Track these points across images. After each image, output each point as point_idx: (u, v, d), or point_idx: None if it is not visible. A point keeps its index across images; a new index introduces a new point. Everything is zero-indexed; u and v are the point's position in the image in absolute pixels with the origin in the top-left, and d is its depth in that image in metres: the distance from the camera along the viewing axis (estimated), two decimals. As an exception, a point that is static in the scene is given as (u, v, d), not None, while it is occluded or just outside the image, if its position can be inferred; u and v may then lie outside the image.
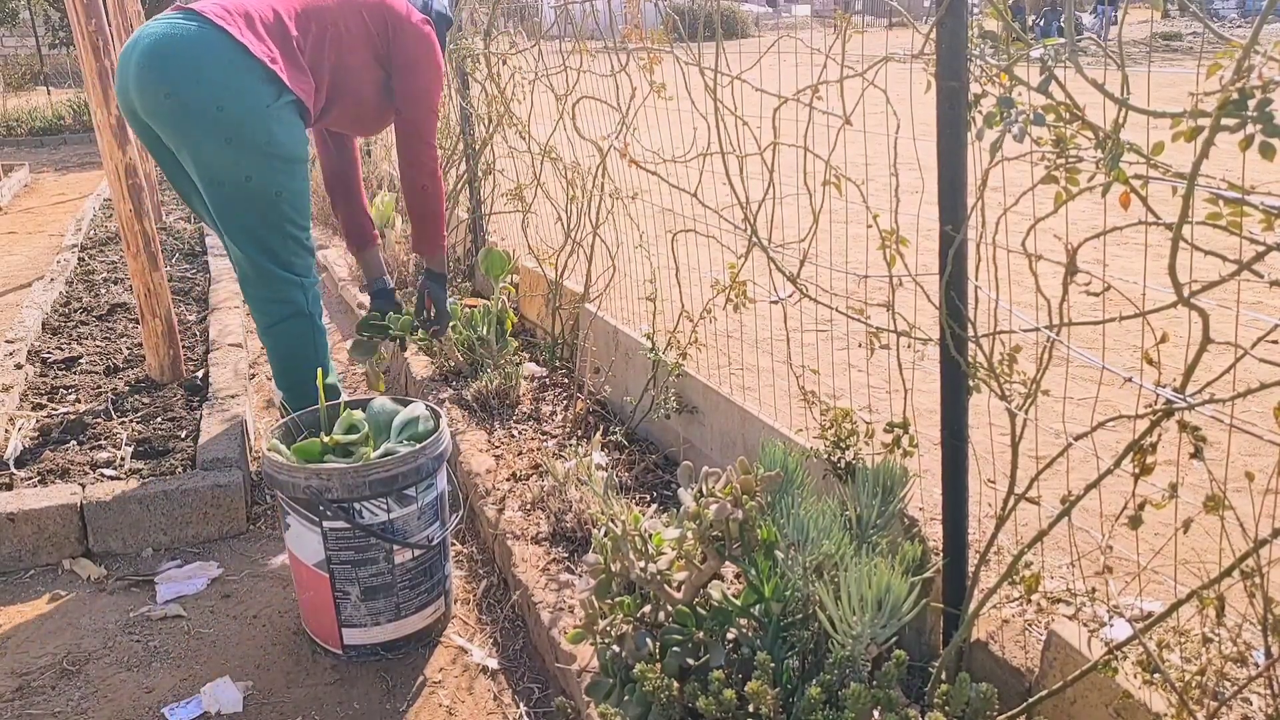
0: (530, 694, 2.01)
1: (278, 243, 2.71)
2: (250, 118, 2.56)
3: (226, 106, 2.54)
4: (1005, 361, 1.51)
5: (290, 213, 2.71)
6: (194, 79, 2.53)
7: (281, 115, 2.62)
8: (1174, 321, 1.21)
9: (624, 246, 2.99)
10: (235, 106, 2.55)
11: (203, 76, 2.53)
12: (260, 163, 2.61)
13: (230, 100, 2.54)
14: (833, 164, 1.86)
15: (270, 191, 2.64)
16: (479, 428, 2.93)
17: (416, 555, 2.10)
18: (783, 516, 1.58)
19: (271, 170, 2.62)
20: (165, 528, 2.62)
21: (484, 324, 3.34)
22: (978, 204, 1.49)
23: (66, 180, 9.36)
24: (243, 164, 2.60)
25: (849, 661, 1.44)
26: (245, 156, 2.59)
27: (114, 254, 5.53)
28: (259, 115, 2.57)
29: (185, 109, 2.54)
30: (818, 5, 9.25)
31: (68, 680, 2.09)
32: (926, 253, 1.65)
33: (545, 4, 3.50)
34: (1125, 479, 1.32)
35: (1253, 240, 1.09)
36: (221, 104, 2.54)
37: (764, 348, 2.89)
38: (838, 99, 1.79)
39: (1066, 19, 1.28)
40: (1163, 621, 1.39)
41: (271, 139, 2.60)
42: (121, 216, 3.35)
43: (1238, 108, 1.03)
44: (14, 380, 3.36)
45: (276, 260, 2.72)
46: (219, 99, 2.54)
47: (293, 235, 2.74)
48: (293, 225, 2.73)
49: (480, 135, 3.93)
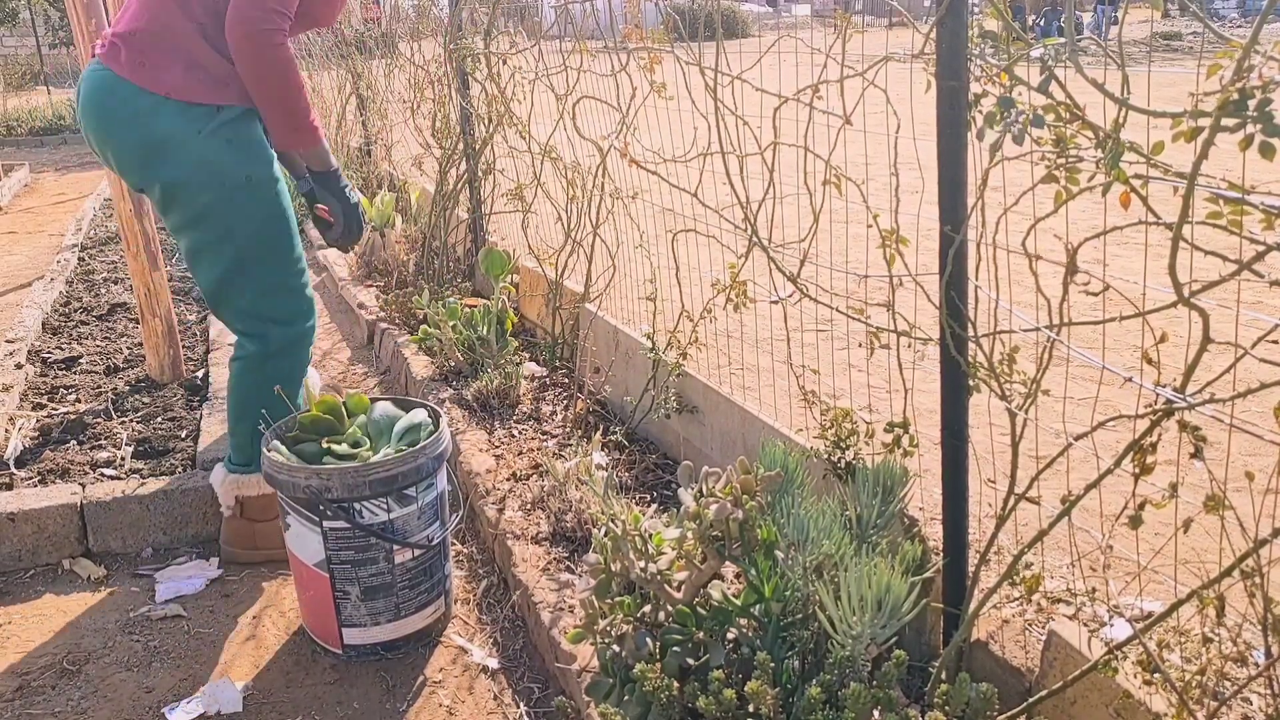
0: (530, 694, 2.01)
1: (266, 304, 2.35)
2: (184, 174, 2.20)
3: (152, 180, 2.23)
4: (1005, 361, 1.51)
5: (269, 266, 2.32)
6: (116, 158, 2.27)
7: (220, 140, 2.21)
8: (1174, 321, 1.21)
9: (624, 246, 2.98)
10: (161, 172, 2.20)
11: (120, 153, 2.25)
12: (214, 222, 2.25)
13: (151, 169, 2.21)
14: (833, 164, 1.86)
15: (241, 251, 2.28)
16: (479, 427, 2.93)
17: (416, 555, 2.10)
18: (783, 516, 1.58)
19: (234, 213, 2.25)
20: (165, 528, 2.62)
21: (484, 324, 3.34)
22: (978, 204, 1.49)
23: (67, 180, 9.36)
24: (199, 242, 2.28)
25: (849, 661, 1.44)
26: (199, 232, 2.27)
27: (114, 254, 5.54)
28: (191, 159, 2.19)
29: (153, 194, 2.28)
30: (818, 5, 9.25)
31: (68, 680, 2.09)
32: (926, 253, 1.65)
33: (545, 4, 3.50)
34: (1125, 479, 1.32)
35: (1253, 240, 1.09)
36: (146, 180, 2.25)
37: (764, 348, 2.89)
38: (838, 99, 1.79)
39: (1066, 19, 1.28)
40: (1163, 621, 1.39)
41: (225, 176, 2.22)
42: (121, 216, 3.35)
43: (1238, 108, 1.03)
44: (14, 380, 3.36)
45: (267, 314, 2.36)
46: (142, 178, 2.26)
47: (285, 284, 2.37)
48: (273, 278, 2.34)
49: (480, 135, 3.93)
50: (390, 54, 5.63)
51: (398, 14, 5.75)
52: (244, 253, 2.29)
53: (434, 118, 4.31)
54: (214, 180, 2.22)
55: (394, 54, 5.50)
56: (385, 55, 5.81)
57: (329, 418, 2.16)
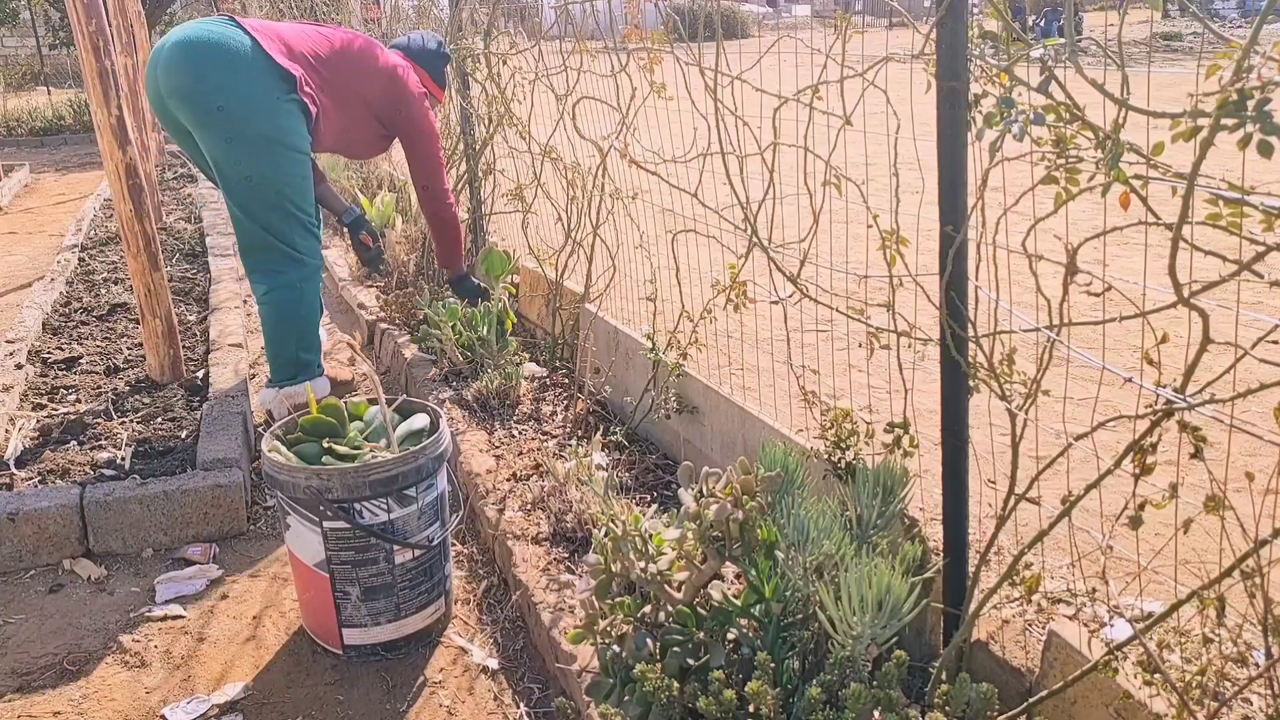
0: (530, 694, 2.01)
1: (279, 220, 2.94)
2: (254, 116, 2.81)
3: (227, 108, 2.79)
4: (1005, 361, 1.51)
5: (293, 196, 2.93)
6: (201, 77, 2.79)
7: (290, 109, 2.86)
8: (1174, 321, 1.21)
9: (624, 246, 2.99)
10: (238, 108, 2.80)
11: (210, 76, 2.79)
12: (261, 157, 2.84)
13: (234, 102, 2.79)
14: (833, 164, 1.86)
15: (271, 183, 2.88)
16: (479, 428, 2.93)
17: (417, 555, 2.10)
18: (783, 517, 1.58)
19: (274, 159, 2.85)
20: (165, 528, 2.62)
21: (484, 324, 3.35)
22: (978, 204, 1.49)
23: (67, 180, 9.36)
24: (242, 164, 2.85)
25: (849, 662, 1.44)
26: (244, 155, 2.84)
27: (114, 254, 5.54)
28: (265, 108, 2.81)
29: (191, 104, 2.81)
30: (818, 5, 9.24)
31: (68, 680, 2.09)
32: (927, 253, 1.65)
33: (545, 4, 3.50)
34: (1125, 479, 1.32)
35: (1253, 240, 1.09)
36: (223, 105, 2.79)
37: (764, 348, 2.89)
38: (838, 99, 1.79)
39: (1066, 19, 1.28)
40: (1163, 622, 1.39)
41: (276, 127, 2.83)
42: (122, 216, 3.35)
43: (1237, 108, 1.03)
44: (14, 380, 3.36)
45: (278, 235, 2.95)
46: (220, 100, 2.79)
47: (295, 216, 2.96)
48: (295, 208, 2.96)
49: (480, 135, 3.93)
50: (390, 54, 5.62)
51: (398, 14, 5.76)
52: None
53: (434, 118, 4.31)
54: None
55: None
56: (385, 55, 5.80)
57: (330, 419, 2.16)
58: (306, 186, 2.99)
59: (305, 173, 2.97)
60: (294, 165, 2.92)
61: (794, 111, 1.91)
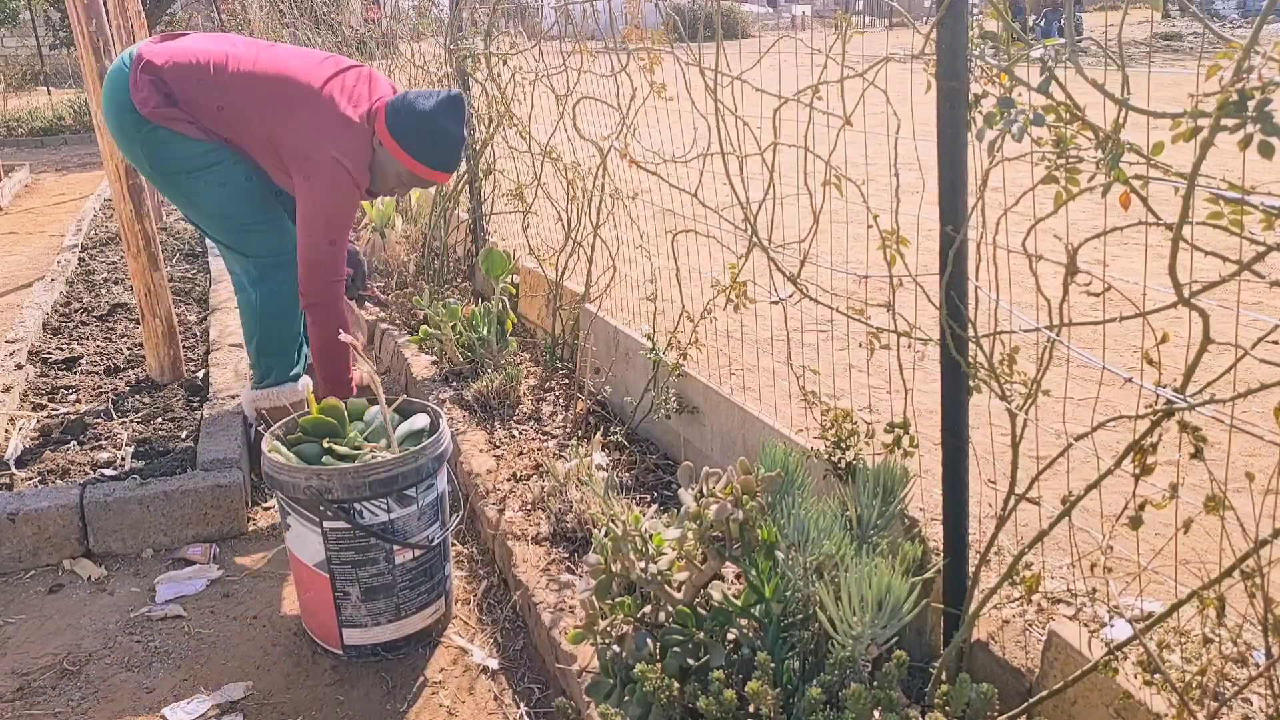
0: (531, 694, 2.01)
1: (218, 234, 2.94)
2: (134, 158, 2.85)
3: (122, 148, 2.87)
4: (1005, 362, 1.51)
5: (215, 212, 2.84)
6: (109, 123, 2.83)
7: (158, 137, 2.70)
8: (1174, 322, 1.21)
9: (624, 247, 2.98)
10: (126, 154, 2.91)
11: (108, 127, 2.86)
12: (168, 189, 2.88)
13: (122, 149, 2.88)
14: (833, 164, 1.86)
15: (192, 209, 2.91)
16: (479, 428, 2.93)
17: (417, 555, 2.10)
18: (783, 517, 1.58)
19: (174, 189, 2.83)
20: (165, 528, 2.62)
21: (484, 324, 3.34)
22: (978, 204, 1.49)
23: (67, 180, 9.36)
24: (169, 197, 2.95)
25: (849, 662, 1.44)
26: (162, 190, 2.93)
27: (114, 254, 5.54)
28: (133, 148, 2.78)
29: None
30: (818, 5, 9.24)
31: (68, 680, 2.09)
32: (927, 253, 1.65)
33: (545, 4, 3.50)
34: (1125, 479, 1.32)
35: (1253, 240, 1.09)
36: (119, 147, 2.89)
37: (764, 348, 2.89)
38: (838, 99, 1.79)
39: (1066, 19, 1.28)
40: (1163, 622, 1.38)
41: (153, 158, 2.76)
42: (122, 217, 3.35)
43: (1237, 108, 1.03)
44: (14, 380, 3.36)
45: (229, 245, 2.95)
46: (122, 150, 2.90)
47: (228, 230, 2.89)
48: (224, 223, 2.87)
49: (480, 135, 3.93)
50: (391, 54, 5.63)
51: (398, 14, 5.76)
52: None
53: (434, 118, 4.30)
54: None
55: (395, 54, 5.50)
56: (386, 56, 5.81)
57: (330, 420, 2.16)
58: (225, 195, 2.77)
59: (217, 188, 2.77)
60: (195, 185, 2.76)
61: (794, 111, 1.91)
